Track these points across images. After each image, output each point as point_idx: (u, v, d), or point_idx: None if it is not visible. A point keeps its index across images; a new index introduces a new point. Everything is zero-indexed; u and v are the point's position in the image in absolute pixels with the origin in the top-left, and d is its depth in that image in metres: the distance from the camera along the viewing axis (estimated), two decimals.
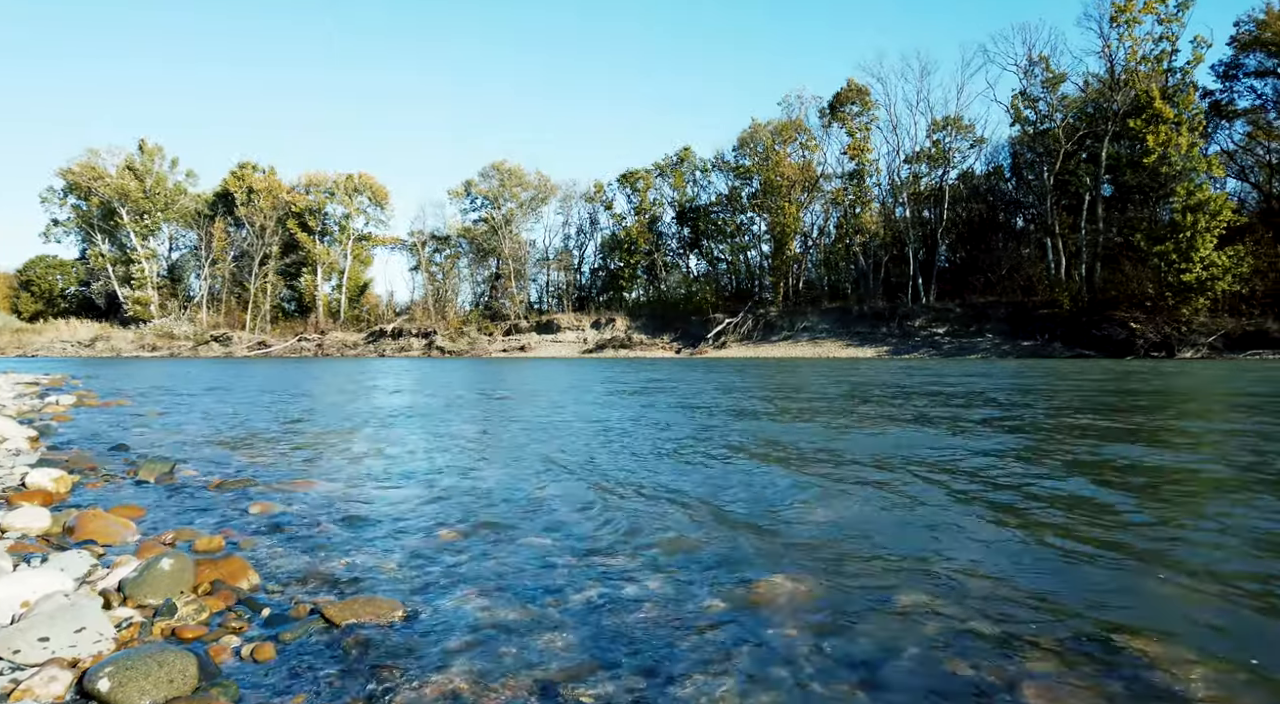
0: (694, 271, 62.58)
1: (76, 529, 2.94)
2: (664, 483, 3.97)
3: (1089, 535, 2.83)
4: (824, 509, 3.31)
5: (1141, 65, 42.23)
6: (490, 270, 65.75)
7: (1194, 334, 37.39)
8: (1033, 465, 4.36)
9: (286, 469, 4.55)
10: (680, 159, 60.39)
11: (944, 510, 3.25)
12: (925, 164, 52.85)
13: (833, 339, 48.76)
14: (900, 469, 4.26)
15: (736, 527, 3.02)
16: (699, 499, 3.55)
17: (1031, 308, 44.58)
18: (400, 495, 3.71)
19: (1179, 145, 38.87)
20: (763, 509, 3.32)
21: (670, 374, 18.90)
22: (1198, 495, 3.58)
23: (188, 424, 7.28)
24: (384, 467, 4.62)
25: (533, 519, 3.20)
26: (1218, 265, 37.44)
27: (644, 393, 11.17)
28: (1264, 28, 41.38)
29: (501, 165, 61.96)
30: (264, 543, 2.80)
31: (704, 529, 3.00)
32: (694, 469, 4.39)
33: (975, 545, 2.71)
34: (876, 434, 5.96)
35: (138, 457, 4.95)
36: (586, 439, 5.82)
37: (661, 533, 2.94)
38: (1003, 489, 3.67)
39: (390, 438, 6.07)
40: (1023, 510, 3.22)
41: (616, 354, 51.66)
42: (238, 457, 5.02)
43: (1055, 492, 3.61)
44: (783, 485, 3.89)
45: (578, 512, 3.33)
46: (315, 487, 3.94)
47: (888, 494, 3.61)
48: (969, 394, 10.57)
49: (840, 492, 3.68)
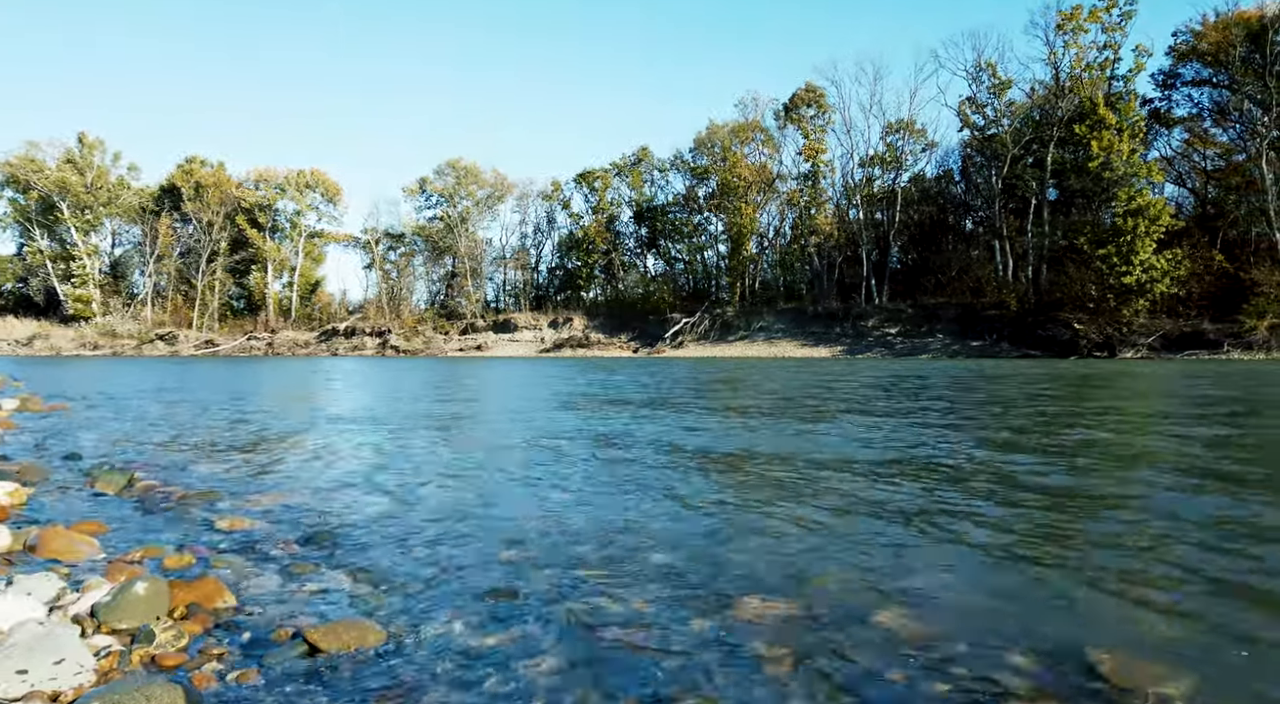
0: (652, 271, 62.81)
1: (38, 547, 2.86)
2: (643, 492, 4.00)
3: (1040, 546, 2.93)
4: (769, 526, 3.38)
5: (1085, 73, 43.48)
6: (446, 269, 65.10)
7: (1134, 335, 38.60)
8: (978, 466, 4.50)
9: (247, 480, 4.46)
10: (638, 159, 60.48)
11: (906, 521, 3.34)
12: (878, 167, 53.69)
13: (788, 339, 49.30)
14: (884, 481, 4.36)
15: (706, 541, 3.08)
16: (667, 513, 3.59)
17: (980, 309, 45.60)
18: (368, 509, 3.65)
19: (1121, 151, 40.09)
20: (717, 523, 3.39)
21: (631, 375, 18.95)
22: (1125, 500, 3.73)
23: (140, 430, 7.10)
24: (345, 477, 4.55)
25: (506, 533, 3.20)
26: (1157, 268, 38.66)
27: (610, 400, 11.20)
28: (1200, 38, 42.90)
29: (457, 162, 61.38)
30: (235, 561, 2.75)
31: (679, 547, 3.04)
32: (665, 482, 4.44)
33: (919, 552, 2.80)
34: (843, 438, 6.07)
35: (92, 466, 4.82)
36: (552, 448, 5.83)
37: (639, 549, 2.97)
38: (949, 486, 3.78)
39: (349, 446, 5.98)
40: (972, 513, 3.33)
41: (574, 354, 51.54)
42: (196, 466, 4.92)
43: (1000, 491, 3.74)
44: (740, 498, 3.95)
45: (548, 525, 3.34)
46: (280, 499, 3.87)
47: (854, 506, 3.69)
48: (919, 392, 10.83)
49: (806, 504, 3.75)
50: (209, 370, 25.05)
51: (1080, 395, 11.35)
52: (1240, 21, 40.94)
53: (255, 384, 16.59)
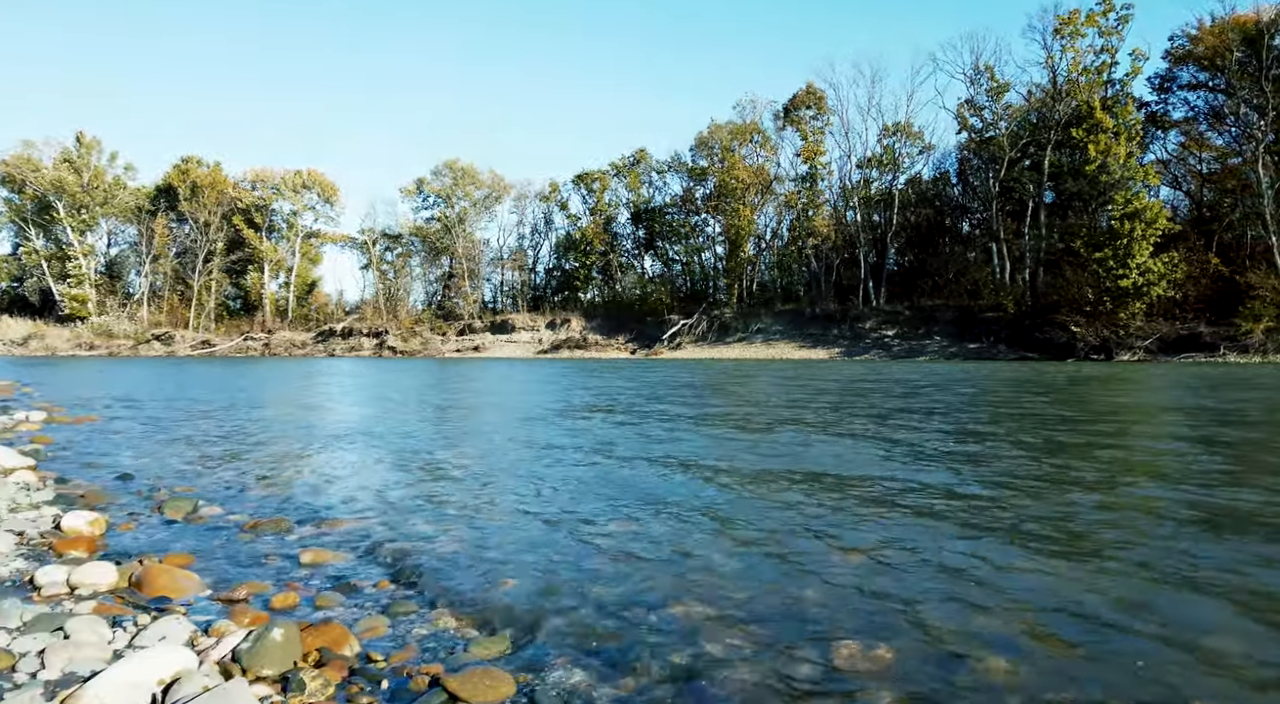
0: (649, 272, 62.94)
1: (143, 583, 2.94)
2: (694, 523, 4.10)
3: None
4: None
5: (1082, 76, 43.77)
6: (443, 269, 65.10)
7: (1131, 338, 38.87)
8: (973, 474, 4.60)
9: (306, 504, 4.49)
10: (636, 160, 60.58)
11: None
12: (875, 169, 53.95)
13: (786, 341, 49.48)
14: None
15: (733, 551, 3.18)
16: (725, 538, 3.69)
17: (977, 311, 45.84)
18: (437, 539, 3.67)
19: (1118, 154, 40.38)
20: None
21: (635, 379, 19.04)
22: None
23: (176, 445, 7.15)
24: (400, 500, 4.58)
25: (577, 568, 3.23)
26: (1153, 271, 38.92)
27: (630, 410, 11.29)
28: (1197, 42, 43.21)
29: (454, 163, 61.41)
30: (338, 601, 2.81)
31: (752, 583, 3.14)
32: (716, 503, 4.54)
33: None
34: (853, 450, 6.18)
35: (150, 489, 4.88)
36: (592, 463, 5.93)
37: (714, 586, 3.06)
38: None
39: (388, 463, 6.05)
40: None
41: (572, 355, 51.61)
42: (252, 488, 4.97)
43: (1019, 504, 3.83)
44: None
45: (616, 557, 3.41)
46: (347, 526, 3.92)
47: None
48: (924, 399, 10.95)
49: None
50: (210, 372, 25.05)
51: (1090, 402, 11.49)
52: (1236, 25, 41.25)
53: (266, 389, 16.63)
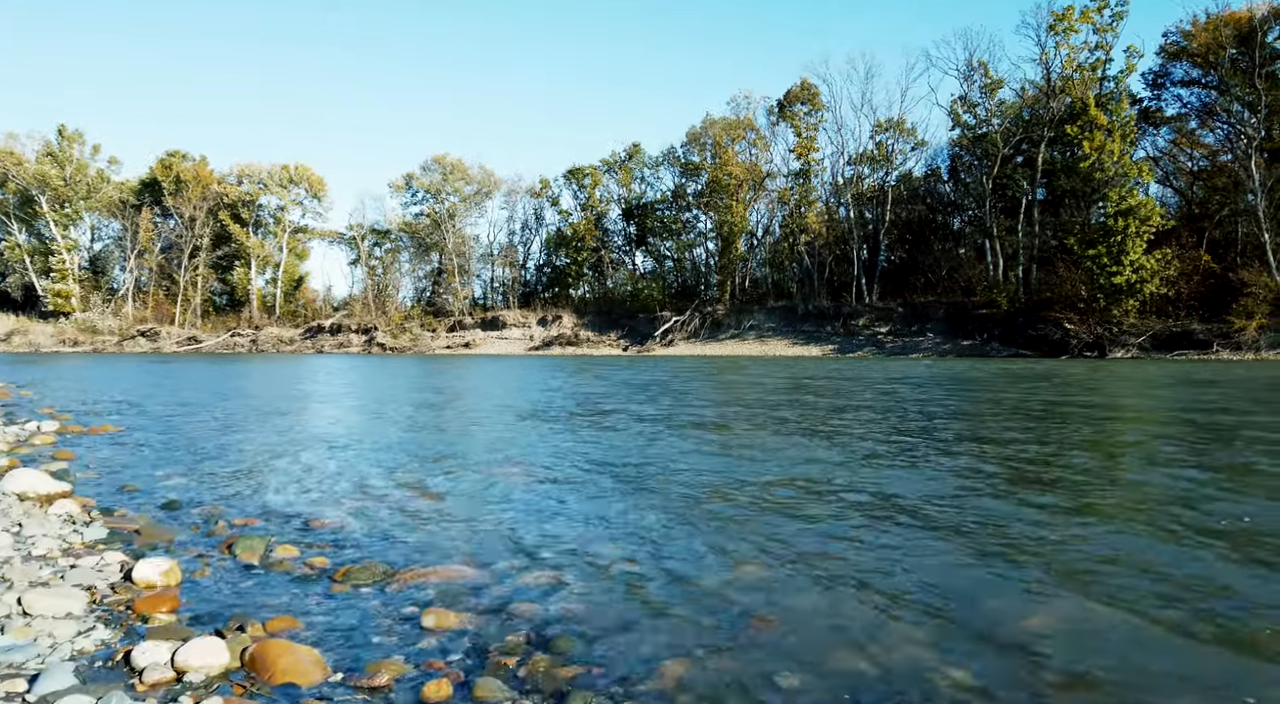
0: (641, 269, 62.60)
1: (261, 664, 2.50)
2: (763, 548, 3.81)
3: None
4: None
5: (1076, 73, 43.83)
6: (432, 265, 64.51)
7: (1124, 335, 39.05)
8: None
9: (381, 537, 4.08)
10: (629, 155, 60.15)
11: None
12: (868, 165, 53.88)
13: (779, 337, 49.39)
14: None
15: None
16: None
17: (971, 308, 45.91)
18: (556, 594, 3.18)
19: (1112, 151, 40.48)
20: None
21: (639, 377, 18.72)
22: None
23: (205, 459, 6.75)
24: (487, 538, 4.08)
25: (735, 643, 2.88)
26: (1146, 268, 39.08)
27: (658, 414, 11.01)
28: (1190, 39, 43.34)
29: (443, 158, 60.76)
30: (498, 691, 2.38)
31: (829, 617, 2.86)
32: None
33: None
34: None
35: (205, 521, 4.44)
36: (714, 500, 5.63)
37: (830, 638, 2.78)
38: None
39: (444, 488, 5.57)
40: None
41: (564, 352, 51.27)
42: (314, 518, 4.53)
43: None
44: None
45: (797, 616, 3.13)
46: (451, 576, 3.40)
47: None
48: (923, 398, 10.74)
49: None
50: (203, 371, 24.48)
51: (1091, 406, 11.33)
52: (1230, 22, 41.41)
53: (269, 390, 16.15)
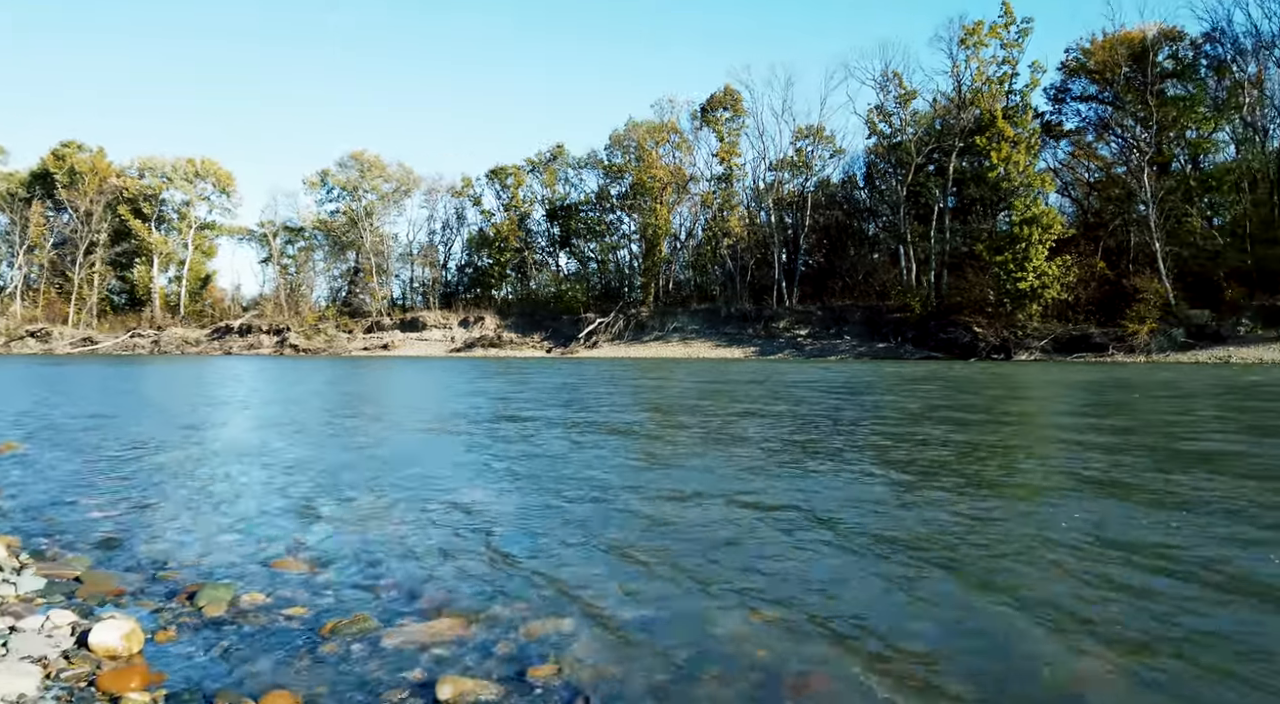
0: (565, 270, 62.20)
1: None
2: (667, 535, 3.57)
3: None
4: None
5: (985, 86, 45.25)
6: (349, 264, 62.83)
7: (1029, 338, 40.43)
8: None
9: (357, 580, 3.24)
10: (553, 156, 59.73)
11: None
12: (788, 171, 54.64)
13: (702, 340, 49.62)
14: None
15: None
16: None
17: (886, 311, 46.91)
18: (606, 655, 2.48)
19: (1017, 162, 41.98)
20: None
21: (571, 380, 18.39)
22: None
23: (132, 484, 5.40)
24: (497, 576, 3.31)
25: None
26: (1048, 275, 40.54)
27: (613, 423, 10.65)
28: (1089, 56, 45.35)
29: (361, 155, 59.29)
30: None
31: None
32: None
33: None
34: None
35: (154, 565, 3.44)
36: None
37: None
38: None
39: (407, 499, 4.76)
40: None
41: (486, 353, 50.50)
42: (278, 555, 3.61)
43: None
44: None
45: None
46: (464, 631, 2.68)
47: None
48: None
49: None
50: (103, 374, 23.04)
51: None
52: (1125, 41, 43.49)
53: (184, 398, 15.20)
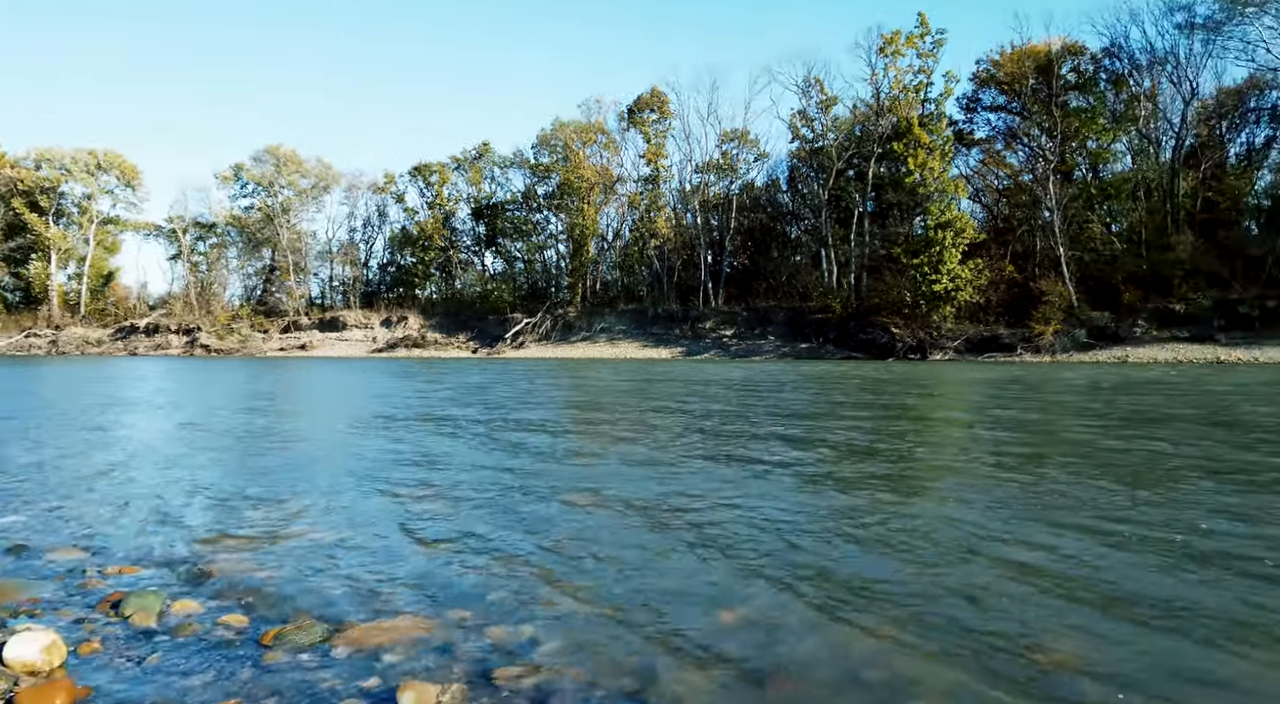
0: (491, 270, 61.49)
1: None
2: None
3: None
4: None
5: (902, 94, 46.75)
6: (264, 262, 60.75)
7: (943, 338, 41.93)
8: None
9: (296, 578, 3.00)
10: (479, 154, 58.98)
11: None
12: (714, 173, 55.29)
13: (630, 340, 49.80)
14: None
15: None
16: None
17: (808, 312, 47.94)
18: (575, 653, 2.36)
19: (932, 169, 43.47)
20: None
21: (500, 382, 18.17)
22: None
23: (36, 486, 4.90)
24: (446, 575, 3.11)
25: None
26: (962, 277, 42.11)
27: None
28: (999, 67, 47.31)
29: (277, 149, 57.37)
30: None
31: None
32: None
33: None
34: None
35: (71, 570, 3.10)
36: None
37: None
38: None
39: (365, 509, 4.30)
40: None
41: (410, 354, 49.56)
42: (210, 562, 3.25)
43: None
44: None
45: None
46: (418, 632, 2.48)
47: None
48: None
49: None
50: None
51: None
52: (1031, 54, 45.53)
53: (88, 398, 14.37)
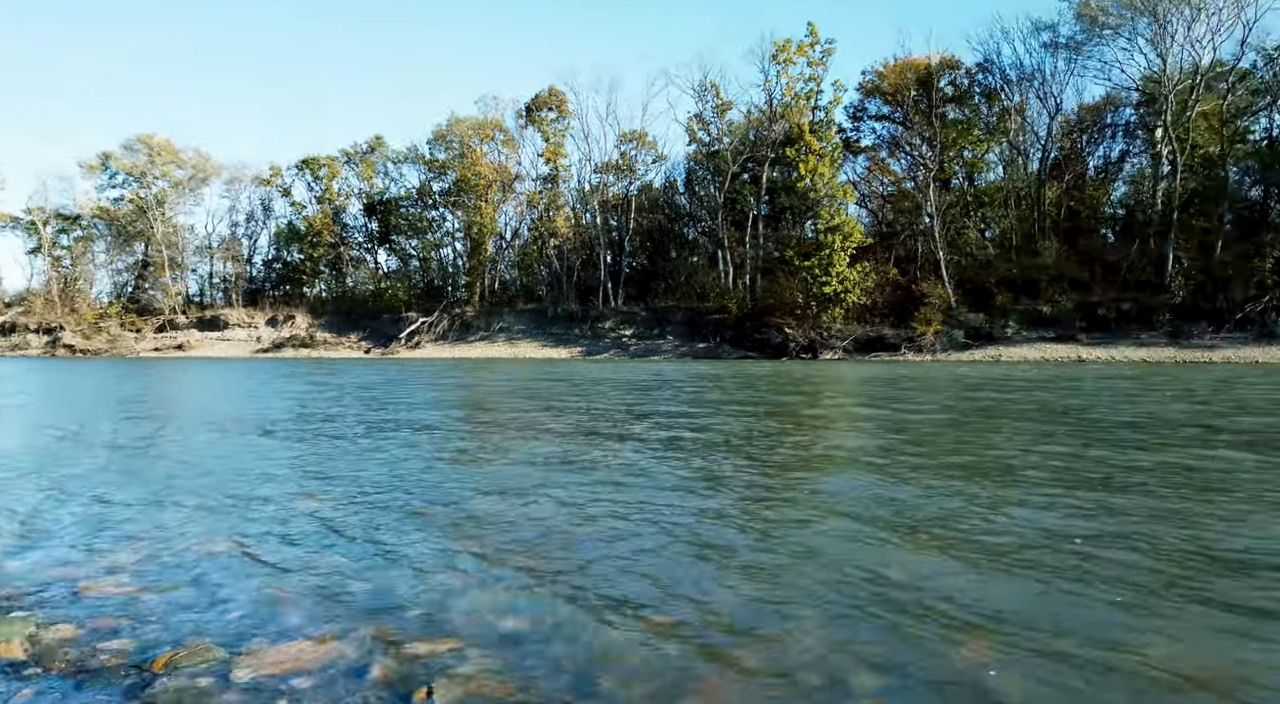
0: (385, 268, 59.83)
1: None
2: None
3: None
4: None
5: (794, 101, 48.29)
6: (136, 257, 57.08)
7: (833, 339, 43.59)
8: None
9: (203, 605, 2.59)
10: (371, 148, 57.23)
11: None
12: (613, 174, 55.62)
13: (529, 340, 49.52)
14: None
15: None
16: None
17: (705, 313, 48.93)
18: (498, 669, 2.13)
19: (822, 174, 45.09)
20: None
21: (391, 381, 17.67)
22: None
23: None
24: (341, 588, 2.80)
25: None
26: (850, 280, 43.89)
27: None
28: (883, 78, 49.60)
29: (150, 138, 54.06)
30: None
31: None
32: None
33: None
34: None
35: None
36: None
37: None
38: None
39: (252, 521, 3.84)
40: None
41: (297, 354, 47.72)
42: (90, 583, 2.81)
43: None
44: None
45: None
46: (327, 654, 2.16)
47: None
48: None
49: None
50: None
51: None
52: (912, 67, 47.96)
53: None
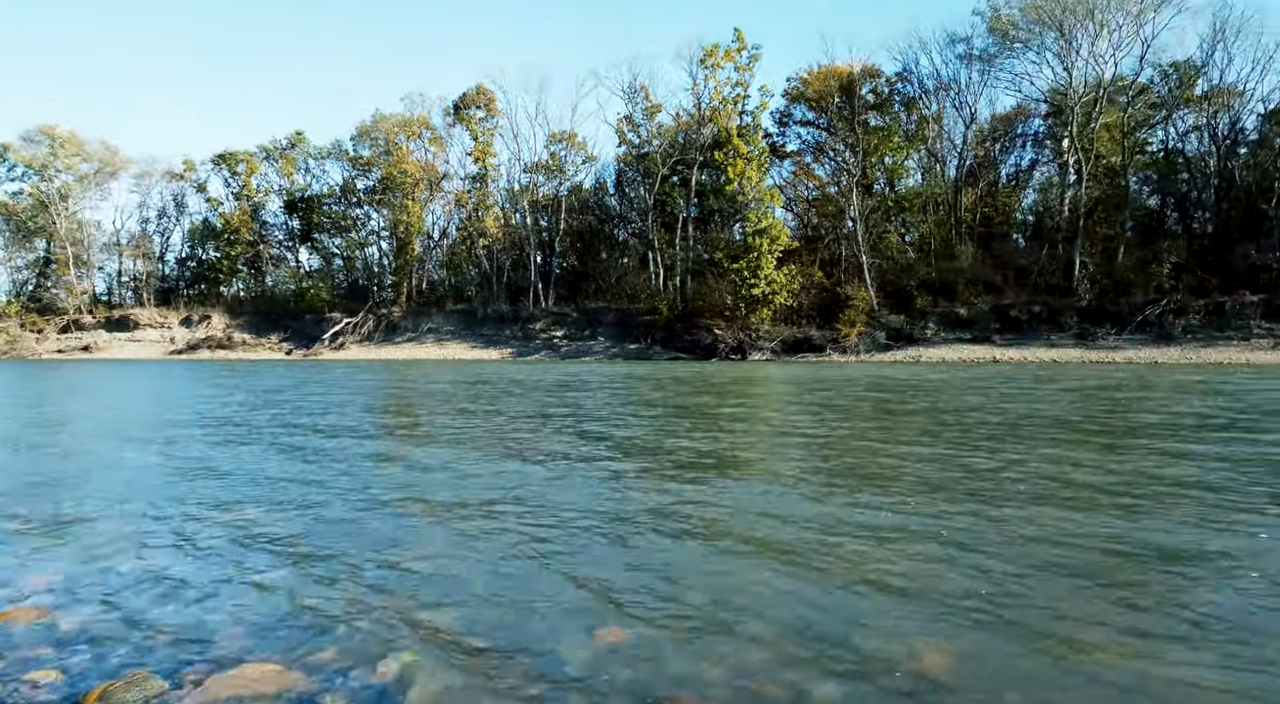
0: (307, 267, 58.17)
1: None
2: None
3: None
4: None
5: (722, 106, 49.01)
6: (38, 254, 54.11)
7: (761, 340, 44.38)
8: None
9: (139, 629, 2.48)
10: (291, 144, 55.56)
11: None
12: (543, 174, 55.40)
13: (458, 341, 48.94)
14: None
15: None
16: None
17: (636, 314, 49.20)
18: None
19: (750, 178, 45.88)
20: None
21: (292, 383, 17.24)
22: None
23: None
24: (287, 609, 2.72)
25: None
26: (777, 282, 44.74)
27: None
28: (807, 85, 50.75)
29: (52, 130, 51.37)
30: None
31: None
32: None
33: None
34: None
35: None
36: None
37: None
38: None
39: (180, 535, 3.71)
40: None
41: (214, 356, 46.04)
42: (12, 607, 2.69)
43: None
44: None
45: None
46: (275, 682, 2.10)
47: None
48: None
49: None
50: None
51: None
52: (835, 75, 49.22)
53: None
